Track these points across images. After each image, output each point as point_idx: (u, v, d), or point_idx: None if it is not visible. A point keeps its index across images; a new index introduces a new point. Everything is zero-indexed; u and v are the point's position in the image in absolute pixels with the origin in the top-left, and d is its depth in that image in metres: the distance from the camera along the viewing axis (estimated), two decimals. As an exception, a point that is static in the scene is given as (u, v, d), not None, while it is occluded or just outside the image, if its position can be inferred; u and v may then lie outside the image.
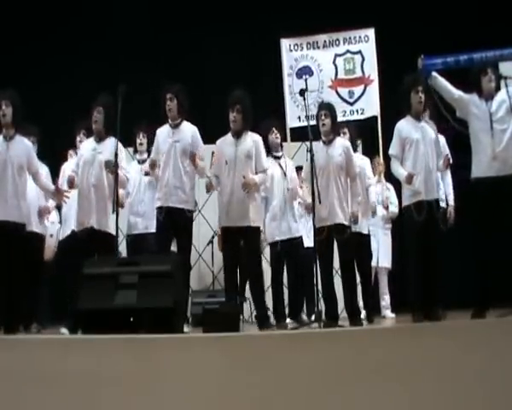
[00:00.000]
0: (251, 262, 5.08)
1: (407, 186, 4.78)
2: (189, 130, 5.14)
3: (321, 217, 4.90)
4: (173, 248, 5.28)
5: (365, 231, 5.81)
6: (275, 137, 5.74)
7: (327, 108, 5.14)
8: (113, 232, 4.88)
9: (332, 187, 4.97)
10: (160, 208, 5.02)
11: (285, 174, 5.63)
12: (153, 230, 5.25)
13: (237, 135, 5.11)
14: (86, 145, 5.11)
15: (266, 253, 6.02)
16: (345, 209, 4.99)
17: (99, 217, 4.90)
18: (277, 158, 5.73)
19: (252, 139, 5.12)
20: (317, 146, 5.03)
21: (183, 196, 5.02)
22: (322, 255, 4.92)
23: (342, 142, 5.17)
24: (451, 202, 5.68)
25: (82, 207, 4.97)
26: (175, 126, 5.13)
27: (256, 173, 5.07)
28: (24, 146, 4.95)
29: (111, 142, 4.98)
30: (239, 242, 5.06)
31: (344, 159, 5.04)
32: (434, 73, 4.72)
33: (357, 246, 5.43)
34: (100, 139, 5.02)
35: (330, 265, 5.01)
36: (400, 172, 4.83)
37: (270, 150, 5.65)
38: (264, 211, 5.58)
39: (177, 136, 5.09)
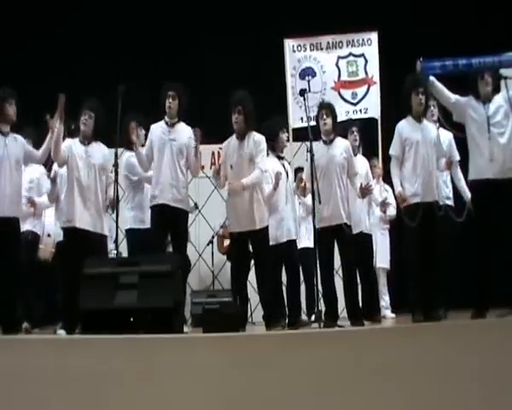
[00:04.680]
0: (260, 264, 4.99)
1: (406, 186, 4.78)
2: (185, 131, 5.11)
3: (323, 217, 4.91)
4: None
5: (366, 231, 5.79)
6: (285, 137, 5.66)
7: (327, 108, 5.14)
8: (107, 233, 4.94)
9: (335, 187, 4.98)
10: (155, 206, 4.98)
11: (287, 174, 5.54)
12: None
13: (241, 137, 5.06)
14: (74, 147, 5.01)
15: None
16: (346, 209, 5.00)
17: (92, 219, 4.87)
18: (281, 158, 5.62)
19: (254, 140, 5.04)
20: (318, 146, 5.02)
21: (178, 195, 4.98)
22: (324, 256, 4.91)
23: (342, 141, 5.18)
24: (468, 197, 5.42)
25: (72, 207, 4.89)
26: (171, 125, 5.10)
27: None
28: (19, 140, 4.99)
29: (98, 145, 5.03)
30: (247, 246, 5.03)
31: (345, 158, 5.06)
32: (432, 78, 4.71)
33: (358, 246, 5.42)
34: (88, 143, 5.02)
35: (331, 265, 5.02)
36: (396, 183, 4.83)
37: (274, 149, 5.52)
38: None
39: (174, 135, 5.05)
